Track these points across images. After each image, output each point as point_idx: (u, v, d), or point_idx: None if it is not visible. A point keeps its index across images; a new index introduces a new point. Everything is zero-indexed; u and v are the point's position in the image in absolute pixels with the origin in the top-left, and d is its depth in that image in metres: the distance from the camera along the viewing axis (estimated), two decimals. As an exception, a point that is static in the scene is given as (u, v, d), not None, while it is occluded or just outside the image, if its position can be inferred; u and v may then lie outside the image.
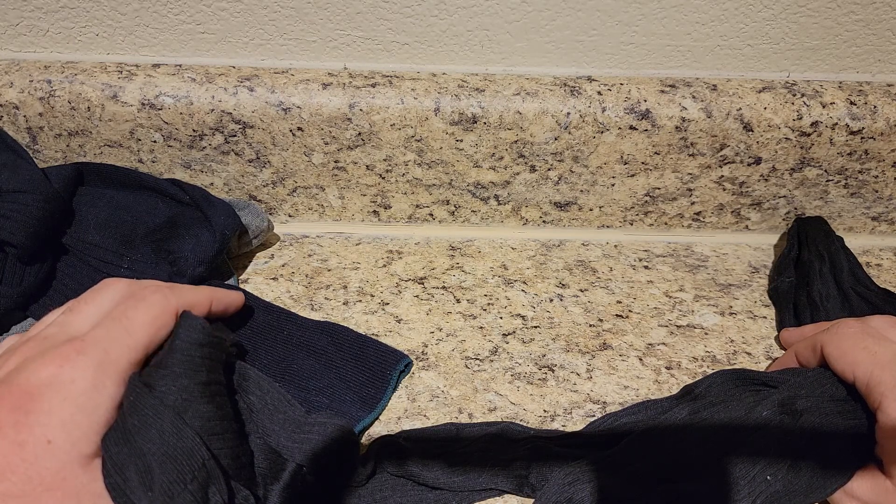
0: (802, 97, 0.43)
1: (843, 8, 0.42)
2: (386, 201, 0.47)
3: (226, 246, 0.40)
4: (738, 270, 0.46)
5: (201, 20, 0.43)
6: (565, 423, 0.34)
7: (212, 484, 0.25)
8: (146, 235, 0.39)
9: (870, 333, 0.31)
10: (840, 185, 0.46)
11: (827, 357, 0.31)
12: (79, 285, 0.38)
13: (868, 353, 0.29)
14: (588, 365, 0.38)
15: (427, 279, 0.44)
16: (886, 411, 0.27)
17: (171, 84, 0.43)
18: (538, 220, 0.48)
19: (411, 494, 0.31)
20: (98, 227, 0.39)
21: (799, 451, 0.29)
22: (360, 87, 0.43)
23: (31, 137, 0.44)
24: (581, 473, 0.30)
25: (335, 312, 0.41)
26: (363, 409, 0.34)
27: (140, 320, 0.28)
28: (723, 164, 0.45)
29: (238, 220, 0.41)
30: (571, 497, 0.29)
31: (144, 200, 0.41)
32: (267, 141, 0.44)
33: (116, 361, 0.26)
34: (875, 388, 0.28)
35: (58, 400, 0.24)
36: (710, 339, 0.40)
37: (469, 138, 0.43)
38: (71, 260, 0.38)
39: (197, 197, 0.41)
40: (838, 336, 0.31)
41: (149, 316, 0.28)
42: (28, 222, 0.35)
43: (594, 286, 0.44)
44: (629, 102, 0.43)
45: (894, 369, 0.28)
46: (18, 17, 0.43)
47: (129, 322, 0.28)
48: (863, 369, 0.29)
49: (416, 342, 0.39)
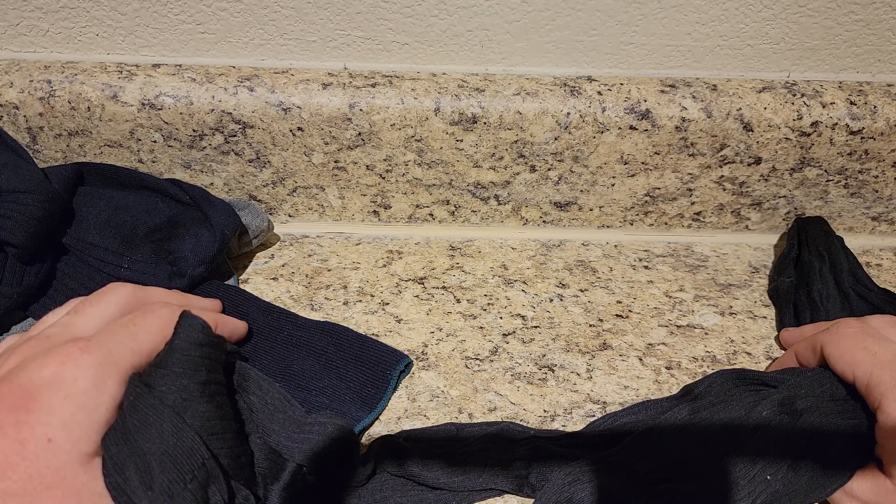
0: (802, 97, 0.43)
1: (843, 8, 0.42)
2: (386, 201, 0.47)
3: (226, 246, 0.40)
4: (738, 270, 0.46)
5: (201, 20, 0.43)
6: (565, 423, 0.34)
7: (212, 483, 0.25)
8: (146, 235, 0.39)
9: (870, 333, 0.31)
10: (840, 185, 0.46)
11: (827, 357, 0.31)
12: (79, 285, 0.38)
13: (868, 352, 0.29)
14: (588, 365, 0.38)
15: (427, 279, 0.44)
16: (886, 411, 0.27)
17: (171, 84, 0.43)
18: (538, 220, 0.48)
19: (411, 494, 0.31)
20: (98, 227, 0.39)
21: (799, 451, 0.29)
22: (360, 87, 0.43)
23: (31, 137, 0.44)
24: (581, 473, 0.30)
25: (335, 312, 0.41)
26: (363, 409, 0.34)
27: (146, 328, 0.28)
28: (723, 164, 0.45)
29: (238, 219, 0.41)
30: (571, 497, 0.29)
31: (144, 200, 0.41)
32: (267, 141, 0.44)
33: (119, 363, 0.26)
34: (875, 388, 0.28)
35: (59, 398, 0.24)
36: (710, 339, 0.40)
37: (469, 138, 0.43)
38: (71, 260, 0.38)
39: (197, 197, 0.41)
40: (838, 336, 0.31)
41: (155, 327, 0.28)
42: (28, 222, 0.35)
43: (594, 286, 0.44)
44: (629, 102, 0.43)
45: (894, 369, 0.28)
46: (18, 17, 0.43)
47: (135, 328, 0.28)
48: (863, 369, 0.29)
49: (416, 342, 0.39)
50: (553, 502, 0.29)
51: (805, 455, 0.29)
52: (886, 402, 0.28)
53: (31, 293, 0.37)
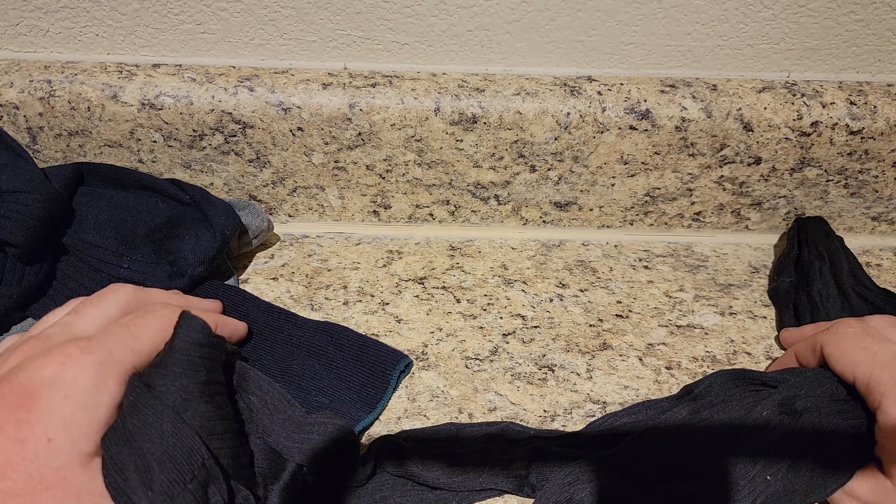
0: (802, 97, 0.43)
1: (843, 8, 0.42)
2: (386, 201, 0.47)
3: (226, 246, 0.40)
4: (738, 270, 0.46)
5: (201, 20, 0.43)
6: (565, 423, 0.34)
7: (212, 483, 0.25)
8: (146, 235, 0.39)
9: (870, 333, 0.31)
10: (840, 185, 0.46)
11: (827, 357, 0.31)
12: (79, 285, 0.38)
13: (868, 352, 0.29)
14: (588, 365, 0.38)
15: (427, 279, 0.44)
16: (886, 411, 0.27)
17: (171, 84, 0.43)
18: (538, 220, 0.48)
19: (411, 494, 0.31)
20: (98, 227, 0.39)
21: (799, 451, 0.29)
22: (360, 87, 0.43)
23: (31, 137, 0.44)
24: (581, 473, 0.30)
25: (335, 312, 0.41)
26: (363, 409, 0.34)
27: (147, 329, 0.28)
28: (723, 164, 0.45)
29: (238, 219, 0.41)
30: (571, 497, 0.29)
31: (144, 200, 0.41)
32: (267, 141, 0.44)
33: (119, 363, 0.26)
34: (875, 388, 0.28)
35: (59, 398, 0.24)
36: (710, 339, 0.40)
37: (469, 138, 0.43)
38: (71, 260, 0.38)
39: (197, 197, 0.41)
40: (838, 336, 0.31)
41: (156, 327, 0.28)
42: (28, 222, 0.35)
43: (594, 286, 0.44)
44: (629, 102, 0.43)
45: (894, 369, 0.28)
46: (19, 17, 0.43)
47: (136, 328, 0.28)
48: (863, 369, 0.29)
49: (416, 342, 0.39)
50: (553, 502, 0.29)
51: (805, 455, 0.29)
52: (886, 402, 0.28)
53: (31, 293, 0.37)
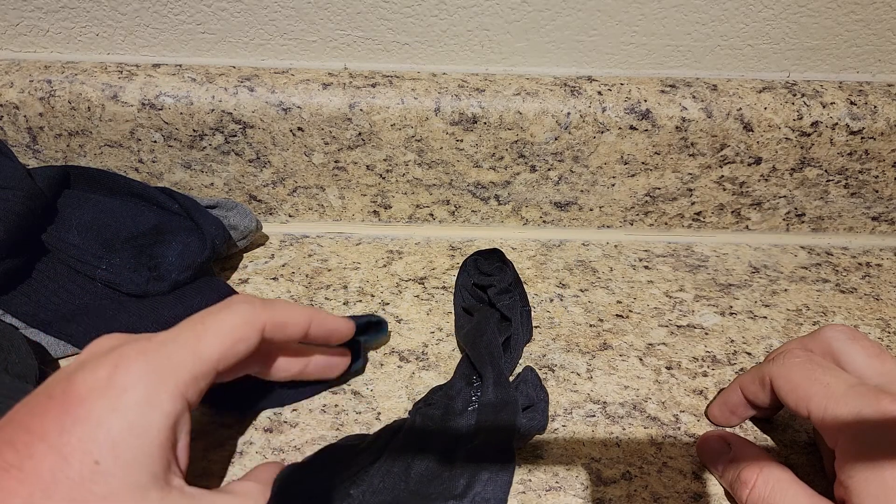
0: (802, 97, 0.43)
1: (843, 8, 0.42)
2: (386, 201, 0.47)
3: (215, 255, 0.40)
4: (738, 270, 0.46)
5: (201, 20, 0.43)
6: (565, 423, 0.34)
7: None
8: (128, 240, 0.39)
9: (818, 363, 0.29)
10: (840, 185, 0.46)
11: (777, 391, 0.30)
12: (58, 286, 0.37)
13: (820, 384, 0.28)
14: (588, 365, 0.38)
15: (427, 279, 0.44)
16: (844, 448, 0.26)
17: (171, 84, 0.43)
18: (538, 220, 0.48)
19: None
20: (80, 228, 0.38)
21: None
22: (361, 87, 0.43)
23: (31, 137, 0.44)
24: (390, 465, 0.29)
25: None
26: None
27: (215, 329, 0.25)
28: (723, 164, 0.45)
29: (228, 233, 0.41)
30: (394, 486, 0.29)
31: (131, 207, 0.41)
32: (267, 141, 0.44)
33: (177, 371, 0.23)
34: (831, 424, 0.27)
35: (106, 410, 0.22)
36: (710, 339, 0.40)
37: (469, 138, 0.43)
38: (50, 260, 0.38)
39: (188, 206, 0.41)
40: (786, 368, 0.30)
41: (227, 325, 0.25)
42: (8, 217, 0.35)
43: (594, 286, 0.44)
44: (629, 102, 0.43)
45: (849, 402, 0.27)
46: (18, 17, 0.43)
47: (203, 328, 0.25)
48: (816, 403, 0.28)
49: (416, 342, 0.39)
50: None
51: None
52: (845, 440, 0.26)
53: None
